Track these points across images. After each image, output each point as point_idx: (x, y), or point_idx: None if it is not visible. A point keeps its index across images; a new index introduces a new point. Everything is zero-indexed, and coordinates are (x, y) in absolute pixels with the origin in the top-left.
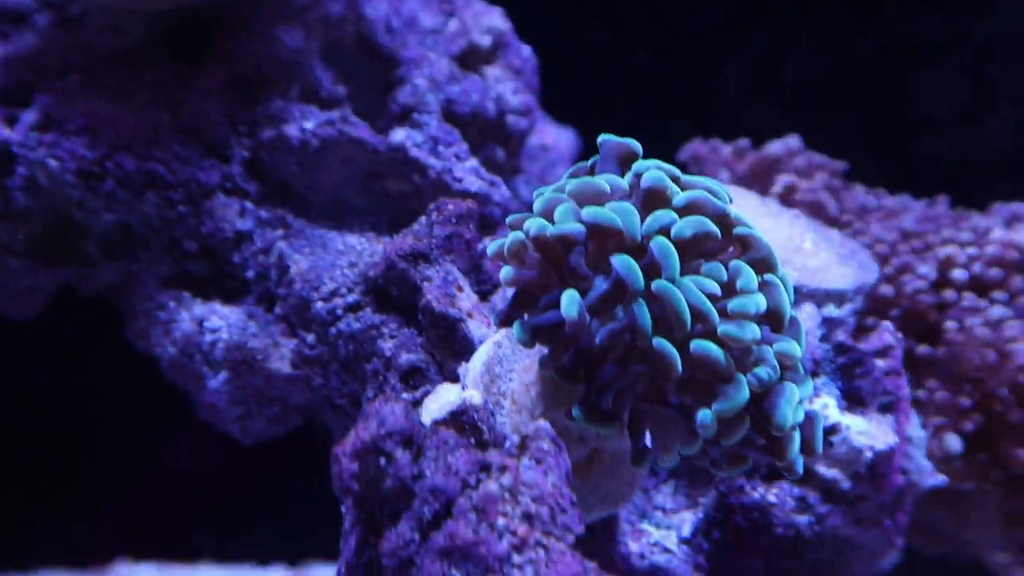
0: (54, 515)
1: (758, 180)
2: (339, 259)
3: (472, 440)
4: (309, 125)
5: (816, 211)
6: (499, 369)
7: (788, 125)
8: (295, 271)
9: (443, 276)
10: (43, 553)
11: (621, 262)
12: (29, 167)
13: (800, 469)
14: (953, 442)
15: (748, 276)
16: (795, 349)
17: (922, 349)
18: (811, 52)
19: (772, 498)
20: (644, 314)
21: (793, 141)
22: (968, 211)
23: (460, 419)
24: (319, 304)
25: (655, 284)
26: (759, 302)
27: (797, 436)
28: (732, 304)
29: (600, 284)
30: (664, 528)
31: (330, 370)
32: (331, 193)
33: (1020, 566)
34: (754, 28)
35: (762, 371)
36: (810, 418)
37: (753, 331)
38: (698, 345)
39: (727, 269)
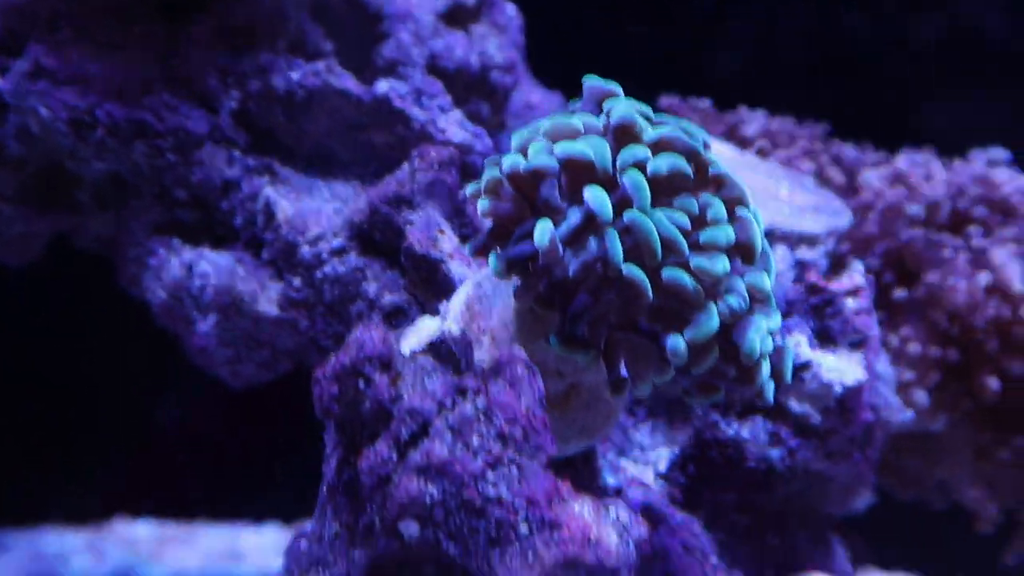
0: (52, 472)
1: (735, 140)
2: (325, 206)
3: (449, 367)
4: (295, 76)
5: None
6: (479, 307)
7: (781, 103)
8: (282, 217)
9: (425, 220)
10: (42, 510)
11: (592, 194)
12: (21, 115)
13: (770, 396)
14: (920, 397)
15: (719, 208)
16: (765, 281)
17: (899, 293)
18: (805, 30)
19: (746, 433)
20: (615, 244)
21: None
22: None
23: (438, 348)
24: (305, 248)
25: (626, 215)
26: (729, 234)
27: (766, 365)
28: (703, 236)
29: (572, 216)
30: (642, 464)
31: (316, 313)
32: (318, 144)
33: (990, 500)
34: (747, 3)
35: (732, 300)
36: (779, 349)
37: (724, 263)
38: (669, 273)
39: (698, 204)
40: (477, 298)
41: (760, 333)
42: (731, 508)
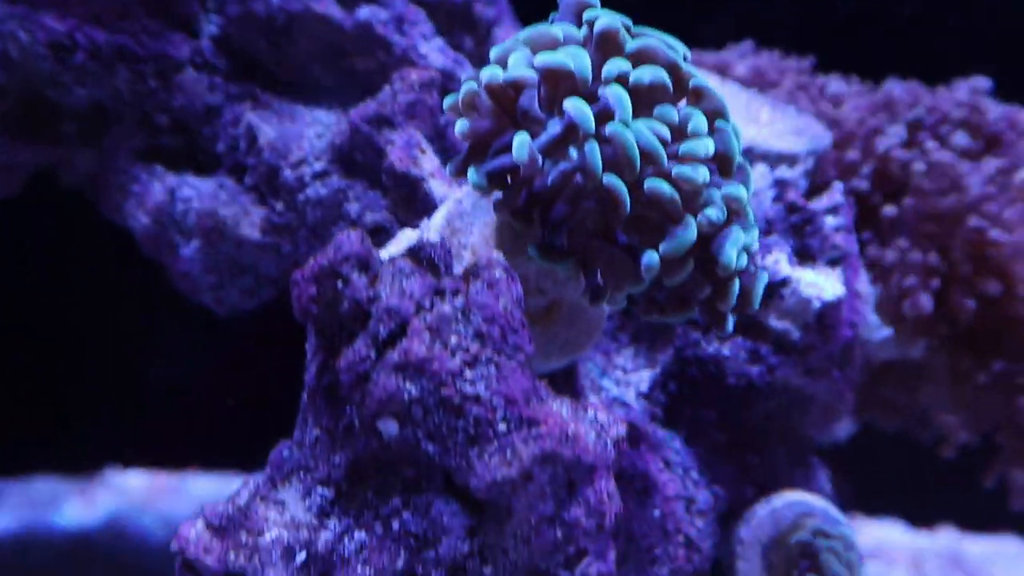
0: (42, 423)
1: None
2: (307, 130)
3: (428, 270)
4: (276, 0)
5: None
6: (459, 224)
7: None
8: (264, 141)
9: (406, 139)
10: (32, 461)
11: (573, 105)
12: (1, 41)
13: (731, 327)
14: (925, 301)
15: (698, 120)
16: (742, 193)
17: (887, 210)
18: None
19: (726, 351)
20: (595, 154)
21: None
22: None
23: (417, 254)
24: (287, 172)
25: (608, 127)
26: (708, 146)
27: (736, 284)
28: (683, 147)
29: (552, 127)
30: (623, 385)
31: (299, 236)
32: (300, 70)
33: (966, 424)
34: None
35: (711, 212)
36: (752, 271)
37: (703, 173)
38: (650, 183)
39: (679, 115)
40: (458, 214)
41: (737, 246)
42: (711, 425)
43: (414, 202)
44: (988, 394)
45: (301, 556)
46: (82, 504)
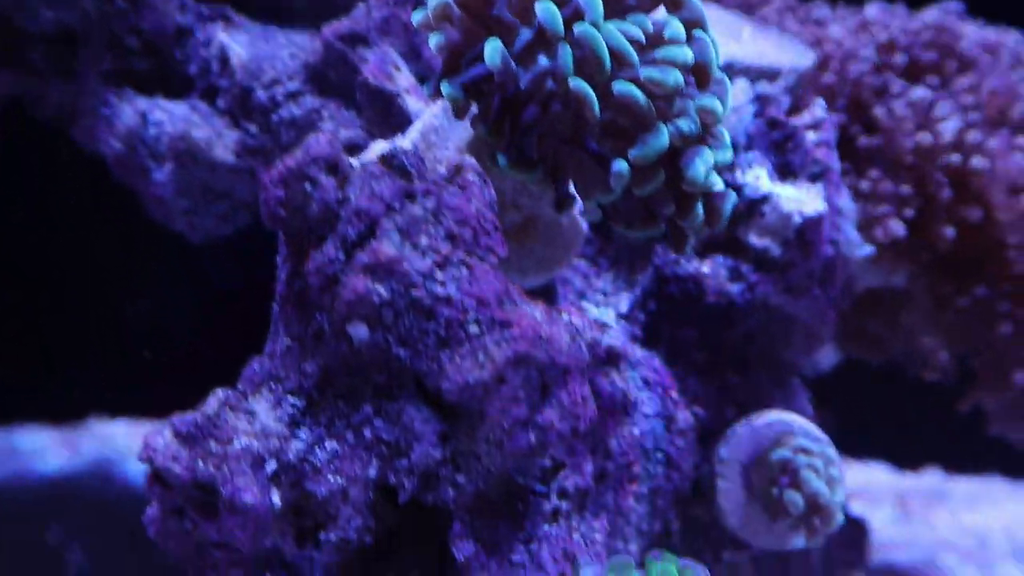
0: (24, 372)
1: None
2: (281, 51)
3: (399, 175)
4: None
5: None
6: (435, 138)
7: None
8: (236, 62)
9: (381, 56)
10: (15, 410)
11: (542, 7)
12: None
13: (690, 247)
14: (896, 227)
15: (676, 27)
16: (717, 106)
17: (863, 140)
18: None
19: (706, 269)
20: (566, 56)
21: None
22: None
23: (389, 161)
24: (260, 92)
25: (577, 27)
26: (686, 53)
27: (700, 203)
28: (659, 53)
29: (525, 33)
30: (603, 307)
31: (273, 159)
32: None
33: (947, 348)
34: None
35: (683, 123)
36: (722, 190)
37: (676, 77)
38: (621, 87)
39: (655, 23)
40: (433, 129)
41: (707, 163)
42: (691, 345)
43: (389, 118)
44: (969, 320)
45: (271, 465)
46: (66, 452)
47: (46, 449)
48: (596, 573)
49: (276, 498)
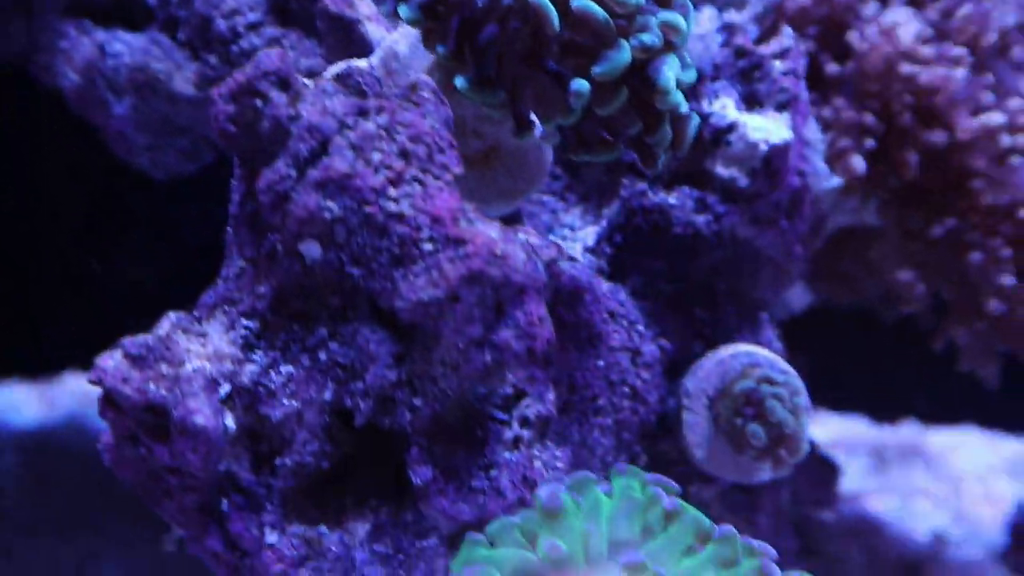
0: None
1: None
2: None
3: (353, 92)
4: None
5: None
6: (395, 65)
7: None
8: None
9: None
10: None
11: None
12: None
13: (659, 165)
14: (857, 163)
15: None
16: (680, 21)
17: (832, 68)
18: None
19: (672, 200)
20: None
21: None
22: None
23: (344, 80)
24: (220, 22)
25: None
26: None
27: (668, 117)
28: None
29: None
30: (570, 241)
31: None
32: None
33: (918, 280)
34: None
35: (646, 37)
36: (687, 114)
37: None
38: (579, 2)
39: None
40: (393, 56)
41: (675, 70)
42: (658, 277)
43: (350, 46)
44: (939, 252)
45: (225, 388)
46: (43, 406)
47: (22, 403)
48: (554, 490)
49: (230, 421)
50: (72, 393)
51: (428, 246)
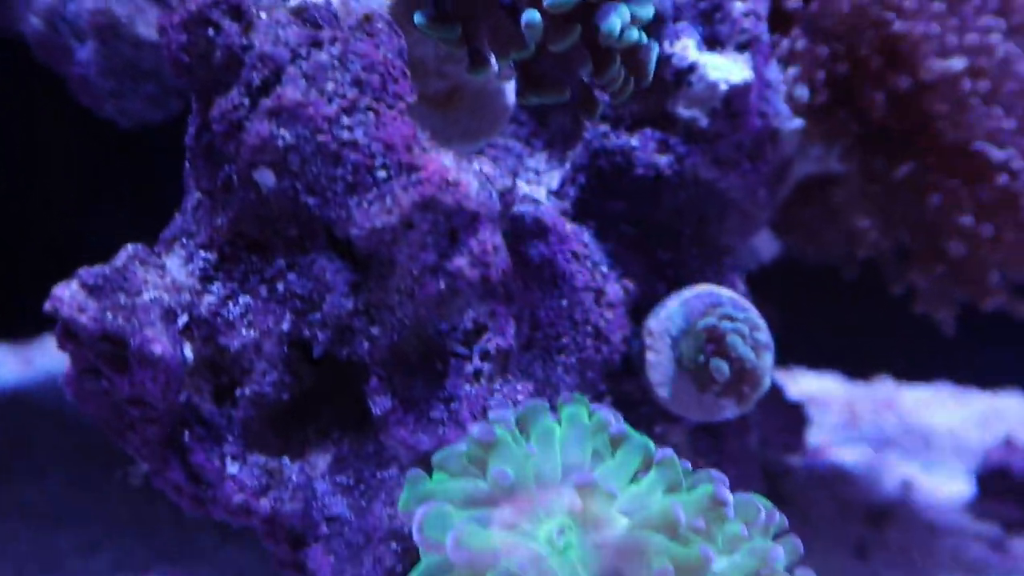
0: None
1: None
2: None
3: (308, 25)
4: None
5: None
6: (355, 4)
7: None
8: None
9: None
10: None
11: None
12: None
13: (598, 112)
14: (802, 91)
15: None
16: None
17: (791, 2)
18: None
19: (635, 142)
20: None
21: None
22: None
23: (300, 13)
24: None
25: None
26: None
27: (618, 60)
28: None
29: None
30: (535, 184)
31: None
32: None
33: (880, 228)
34: None
35: None
36: (646, 44)
37: None
38: None
39: None
40: None
41: (623, 18)
42: (621, 218)
43: None
44: (900, 195)
45: (183, 319)
46: (21, 365)
47: (0, 363)
48: (506, 414)
49: (188, 351)
50: (50, 353)
51: (382, 173)
